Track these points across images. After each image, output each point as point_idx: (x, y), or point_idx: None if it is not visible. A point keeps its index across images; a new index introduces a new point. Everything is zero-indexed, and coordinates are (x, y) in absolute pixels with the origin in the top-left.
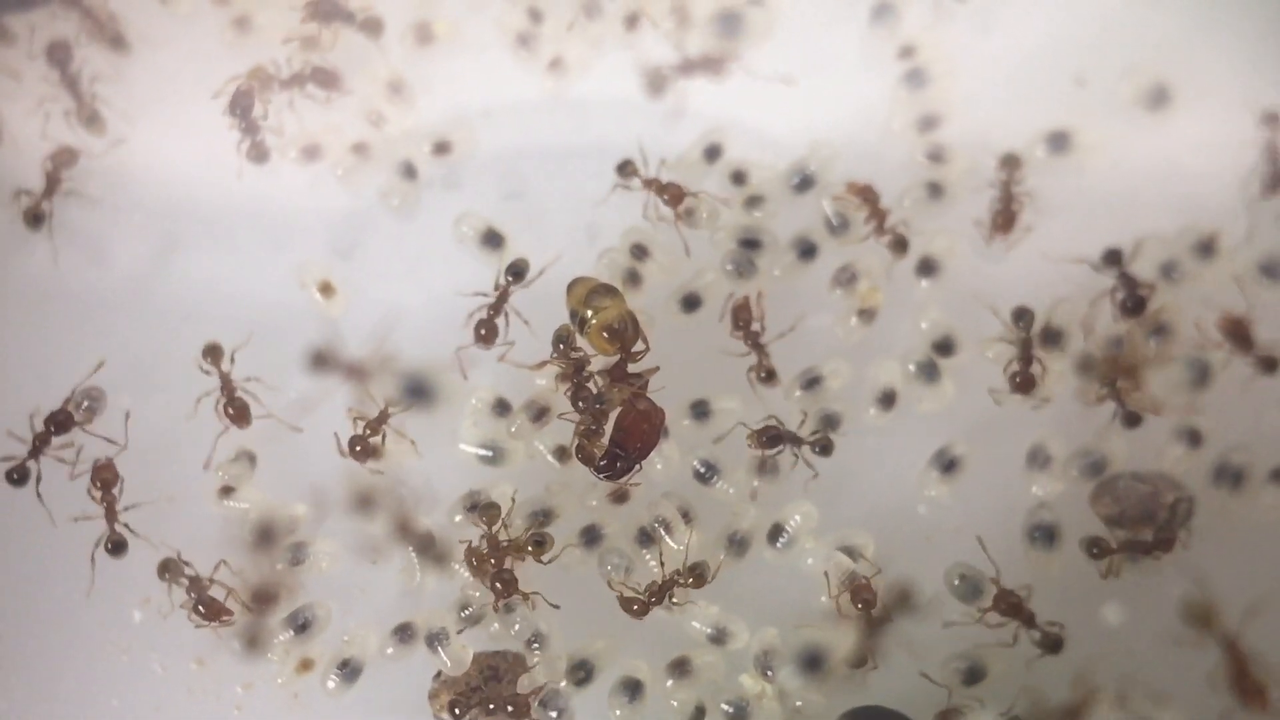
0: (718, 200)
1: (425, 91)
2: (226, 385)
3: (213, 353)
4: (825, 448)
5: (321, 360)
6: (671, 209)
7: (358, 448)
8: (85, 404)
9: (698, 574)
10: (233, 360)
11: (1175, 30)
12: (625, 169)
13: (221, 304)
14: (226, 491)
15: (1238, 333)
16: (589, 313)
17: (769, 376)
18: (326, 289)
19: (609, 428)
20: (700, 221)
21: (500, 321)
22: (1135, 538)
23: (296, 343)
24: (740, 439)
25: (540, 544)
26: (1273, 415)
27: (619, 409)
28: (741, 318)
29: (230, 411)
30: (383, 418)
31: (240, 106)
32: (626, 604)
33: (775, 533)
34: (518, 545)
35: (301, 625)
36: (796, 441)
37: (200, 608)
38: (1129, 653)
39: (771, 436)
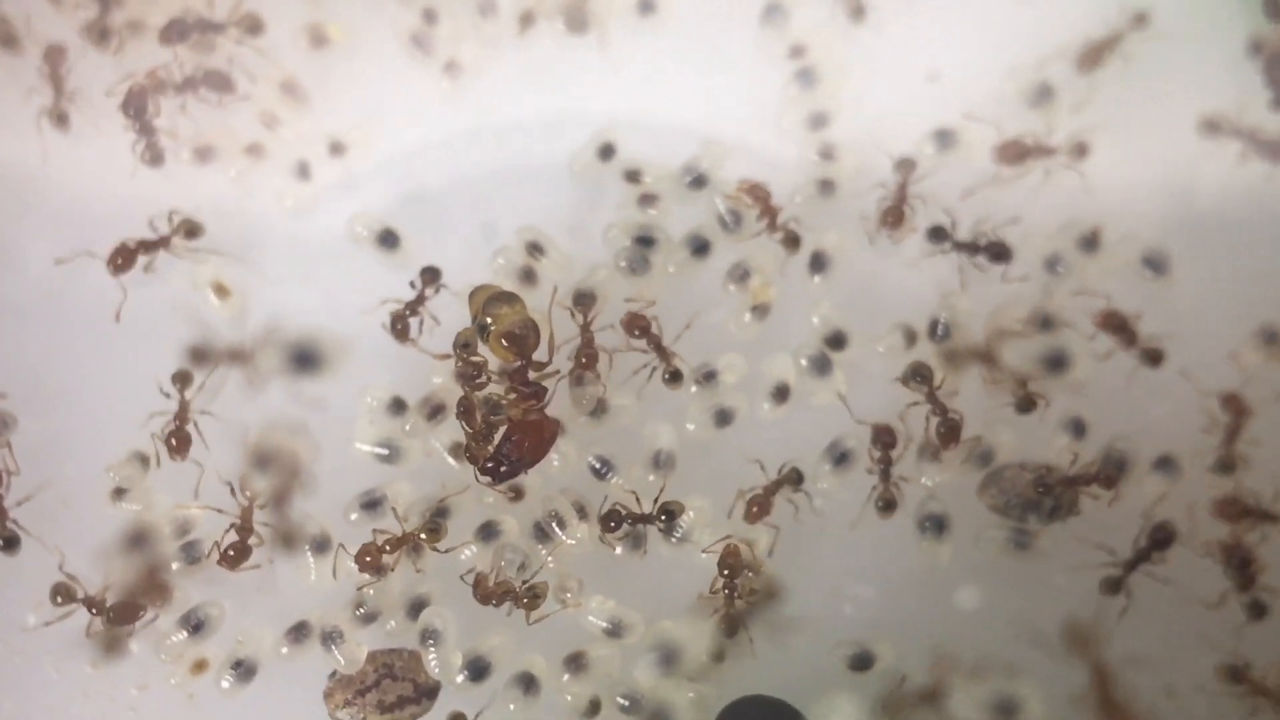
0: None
1: (320, 93)
2: (181, 412)
3: (182, 379)
4: (670, 514)
5: (199, 354)
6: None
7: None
8: None
9: (430, 529)
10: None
11: (1057, 30)
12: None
13: (116, 307)
14: (119, 493)
15: (1118, 326)
16: (489, 320)
17: (674, 378)
18: (220, 290)
19: (499, 434)
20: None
21: (414, 321)
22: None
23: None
24: (636, 436)
25: (434, 530)
26: (1156, 407)
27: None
28: (637, 325)
29: (173, 442)
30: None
31: (134, 107)
32: (360, 556)
33: (670, 526)
34: (414, 533)
35: (195, 626)
36: (644, 520)
37: (110, 616)
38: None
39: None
